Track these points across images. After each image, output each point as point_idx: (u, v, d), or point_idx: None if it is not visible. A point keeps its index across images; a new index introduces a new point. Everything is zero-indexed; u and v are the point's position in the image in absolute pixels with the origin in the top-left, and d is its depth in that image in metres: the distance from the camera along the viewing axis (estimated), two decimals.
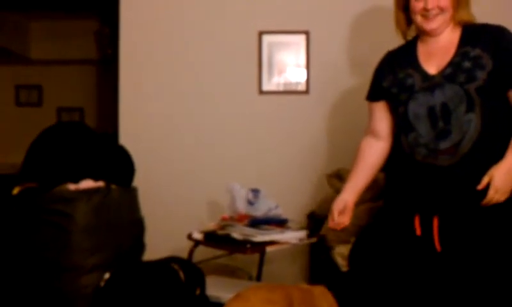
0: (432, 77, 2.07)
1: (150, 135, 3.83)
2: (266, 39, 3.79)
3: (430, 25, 2.10)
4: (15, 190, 3.09)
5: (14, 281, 3.06)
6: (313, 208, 3.61)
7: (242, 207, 3.13)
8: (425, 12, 2.08)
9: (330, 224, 2.32)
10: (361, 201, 2.47)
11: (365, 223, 2.74)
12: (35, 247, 2.88)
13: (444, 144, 2.03)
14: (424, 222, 2.08)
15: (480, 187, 1.97)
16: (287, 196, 3.62)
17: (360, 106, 2.72)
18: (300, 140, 3.79)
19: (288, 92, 3.80)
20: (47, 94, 6.84)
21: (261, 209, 3.12)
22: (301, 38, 3.78)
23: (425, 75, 2.09)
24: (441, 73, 2.06)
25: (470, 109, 2.00)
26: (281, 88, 3.81)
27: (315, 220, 3.42)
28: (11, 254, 3.08)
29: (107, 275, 2.80)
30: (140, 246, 3.21)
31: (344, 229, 2.33)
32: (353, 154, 3.40)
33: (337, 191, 3.25)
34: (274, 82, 3.81)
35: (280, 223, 3.07)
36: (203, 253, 3.23)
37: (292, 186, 3.76)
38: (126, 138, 3.76)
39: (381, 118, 2.31)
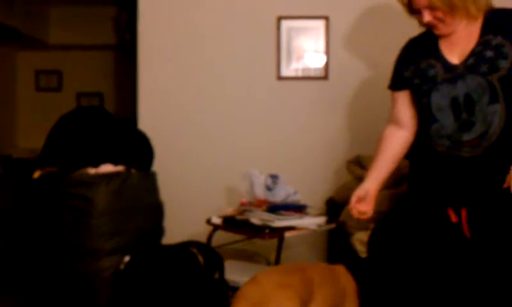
0: (455, 67, 2.03)
1: (168, 120, 3.84)
2: (285, 24, 3.77)
3: (438, 32, 2.08)
4: (36, 174, 3.12)
5: (35, 264, 3.11)
6: (332, 195, 3.60)
7: (260, 193, 3.13)
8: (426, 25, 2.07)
9: (352, 212, 2.29)
10: (382, 186, 2.44)
11: (386, 209, 2.72)
12: (55, 230, 2.92)
13: (468, 136, 2.01)
14: (454, 212, 2.06)
15: (505, 185, 1.94)
16: (306, 182, 3.61)
17: (379, 93, 2.70)
18: (319, 126, 3.77)
19: (307, 78, 3.78)
20: (66, 79, 6.88)
21: (280, 195, 3.12)
22: (321, 24, 3.75)
23: (447, 66, 2.05)
24: (464, 63, 2.02)
25: (493, 99, 1.97)
26: (299, 74, 3.79)
27: (334, 206, 3.41)
28: (31, 237, 3.13)
29: (126, 259, 2.82)
30: (159, 230, 3.23)
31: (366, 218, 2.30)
32: (373, 140, 3.38)
33: (357, 178, 3.25)
34: (293, 67, 3.79)
35: (299, 209, 3.07)
36: (221, 238, 3.24)
37: (310, 172, 3.75)
38: (145, 123, 3.77)
39: (404, 106, 2.26)
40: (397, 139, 2.29)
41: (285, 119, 3.81)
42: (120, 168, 3.04)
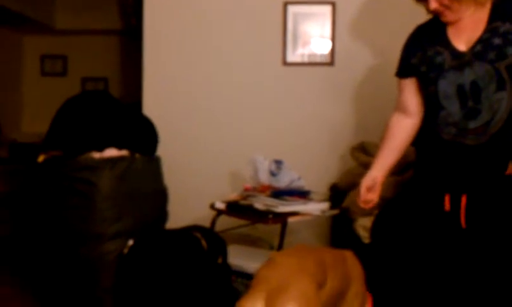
0: (462, 54, 2.01)
1: (173, 105, 3.84)
2: (291, 9, 3.74)
3: (445, 19, 2.06)
4: (40, 158, 3.12)
5: (40, 248, 3.12)
6: (336, 181, 3.60)
7: (264, 178, 3.13)
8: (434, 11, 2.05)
9: (359, 201, 2.29)
10: (389, 174, 2.44)
11: (390, 196, 2.72)
12: (59, 214, 2.93)
13: (473, 124, 1.99)
14: (452, 199, 2.06)
15: (508, 171, 1.94)
16: (310, 168, 3.61)
17: (385, 79, 2.68)
18: (324, 112, 3.76)
19: (313, 64, 3.77)
20: (71, 64, 6.90)
21: (283, 180, 3.12)
22: (327, 9, 3.73)
23: (454, 53, 2.04)
24: (471, 50, 2.00)
25: (500, 87, 1.95)
26: (305, 60, 3.77)
27: (338, 192, 3.40)
28: (36, 221, 3.14)
29: (130, 243, 2.83)
30: (163, 215, 3.24)
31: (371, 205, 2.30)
32: (378, 127, 3.38)
33: (361, 164, 3.25)
34: (299, 53, 3.77)
35: (302, 195, 3.07)
36: (225, 223, 3.24)
37: (315, 158, 3.75)
38: (150, 108, 3.77)
39: (411, 94, 2.24)
40: (404, 127, 2.28)
41: (291, 105, 3.79)
42: (124, 153, 3.04)
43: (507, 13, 1.98)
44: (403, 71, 2.26)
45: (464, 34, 2.03)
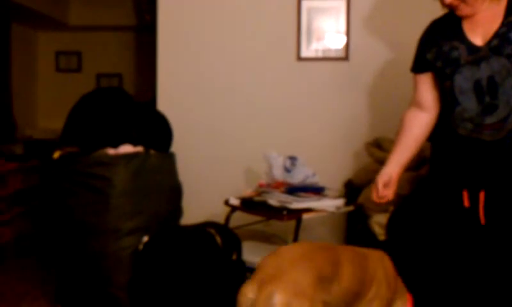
0: (479, 49, 1.99)
1: (187, 101, 3.83)
2: (305, 4, 3.72)
3: (460, 13, 2.03)
4: (56, 155, 3.14)
5: (56, 244, 3.14)
6: (351, 177, 3.58)
7: (279, 174, 3.12)
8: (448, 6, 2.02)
9: (374, 197, 2.28)
10: (404, 169, 2.41)
11: (406, 192, 2.70)
12: (75, 209, 2.94)
13: (490, 119, 1.97)
14: (471, 195, 2.04)
15: None
16: (324, 164, 3.58)
17: (400, 75, 2.66)
18: (338, 107, 3.74)
19: (327, 59, 3.74)
20: (86, 60, 6.93)
21: (298, 177, 3.10)
22: (342, 4, 3.70)
23: (470, 47, 2.01)
24: (488, 45, 1.97)
25: None
26: (320, 55, 3.75)
27: (353, 188, 3.39)
28: (52, 217, 3.15)
29: (145, 239, 2.84)
30: (178, 211, 3.25)
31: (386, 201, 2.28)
32: (393, 122, 3.34)
33: (376, 160, 3.23)
34: (313, 48, 3.75)
35: (317, 191, 3.05)
36: (239, 219, 3.24)
37: (329, 154, 3.73)
38: (164, 104, 3.78)
39: (426, 89, 2.22)
40: (419, 122, 2.25)
41: (305, 101, 3.78)
42: (139, 149, 3.05)
43: None
44: (418, 67, 2.23)
45: (480, 28, 2.00)
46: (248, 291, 1.72)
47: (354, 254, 2.04)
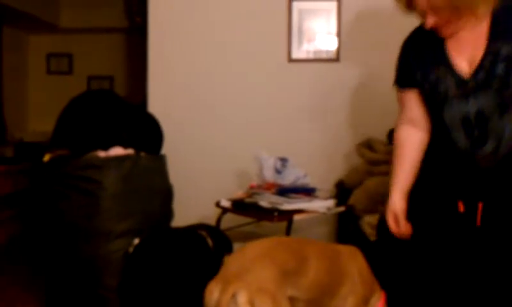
0: (466, 82, 1.92)
1: (179, 103, 3.83)
2: (296, 5, 3.73)
3: (443, 35, 1.96)
4: (46, 157, 3.13)
5: (46, 247, 3.13)
6: (341, 178, 3.58)
7: (270, 176, 3.12)
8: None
9: (395, 231, 2.15)
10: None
11: None
12: (65, 212, 2.92)
13: (481, 152, 1.94)
14: (466, 205, 2.03)
15: None
16: (316, 165, 3.59)
17: (391, 76, 2.64)
18: (329, 108, 3.75)
19: (318, 60, 3.75)
20: (77, 62, 6.90)
21: (289, 178, 3.10)
22: (333, 5, 3.71)
23: (458, 80, 1.93)
24: (474, 77, 1.90)
25: (504, 111, 1.89)
26: (311, 56, 3.75)
27: (344, 189, 3.39)
28: (42, 220, 3.14)
29: (136, 241, 2.83)
30: (168, 213, 3.24)
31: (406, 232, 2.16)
32: (383, 123, 3.36)
33: (367, 161, 3.24)
34: (304, 49, 3.75)
35: (308, 192, 3.05)
36: (230, 221, 3.24)
37: (320, 155, 3.73)
38: (155, 106, 3.77)
39: (418, 104, 2.11)
40: (416, 142, 2.15)
41: (296, 102, 3.78)
42: (129, 151, 3.04)
43: (509, 30, 1.87)
44: (406, 82, 2.12)
45: (466, 50, 1.93)
46: (213, 291, 1.73)
47: (323, 248, 2.04)
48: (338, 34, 3.72)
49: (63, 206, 2.93)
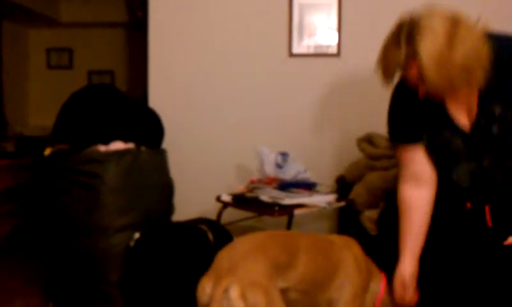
0: (470, 136, 1.90)
1: (179, 97, 3.83)
2: (297, 0, 3.72)
3: (436, 100, 1.89)
4: (47, 152, 3.13)
5: (46, 240, 3.13)
6: (342, 172, 3.58)
7: (270, 170, 3.13)
8: None
9: (399, 298, 2.08)
10: (394, 164, 2.40)
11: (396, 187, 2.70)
12: (66, 207, 2.93)
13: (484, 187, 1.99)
14: (474, 204, 2.04)
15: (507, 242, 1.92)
16: (316, 160, 3.60)
17: None
18: (330, 103, 3.74)
19: (319, 55, 3.74)
20: (77, 57, 6.90)
21: (289, 173, 3.11)
22: (333, 0, 3.70)
23: (464, 136, 1.91)
24: (474, 134, 1.89)
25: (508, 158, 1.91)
26: (311, 51, 3.75)
27: (344, 184, 3.39)
28: (43, 214, 3.14)
29: (137, 235, 2.83)
30: (169, 207, 3.24)
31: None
32: (384, 118, 3.35)
33: (368, 155, 3.23)
34: (305, 44, 3.75)
35: (309, 187, 3.06)
36: (231, 215, 3.24)
37: (321, 150, 3.73)
38: (155, 100, 3.77)
39: (423, 159, 2.01)
40: (424, 207, 2.05)
41: (296, 97, 3.78)
42: (130, 146, 3.04)
43: (498, 90, 1.82)
44: (408, 137, 2.02)
45: (462, 106, 1.90)
46: (205, 286, 1.74)
47: (315, 240, 2.04)
48: (339, 29, 3.71)
49: (63, 200, 2.94)
